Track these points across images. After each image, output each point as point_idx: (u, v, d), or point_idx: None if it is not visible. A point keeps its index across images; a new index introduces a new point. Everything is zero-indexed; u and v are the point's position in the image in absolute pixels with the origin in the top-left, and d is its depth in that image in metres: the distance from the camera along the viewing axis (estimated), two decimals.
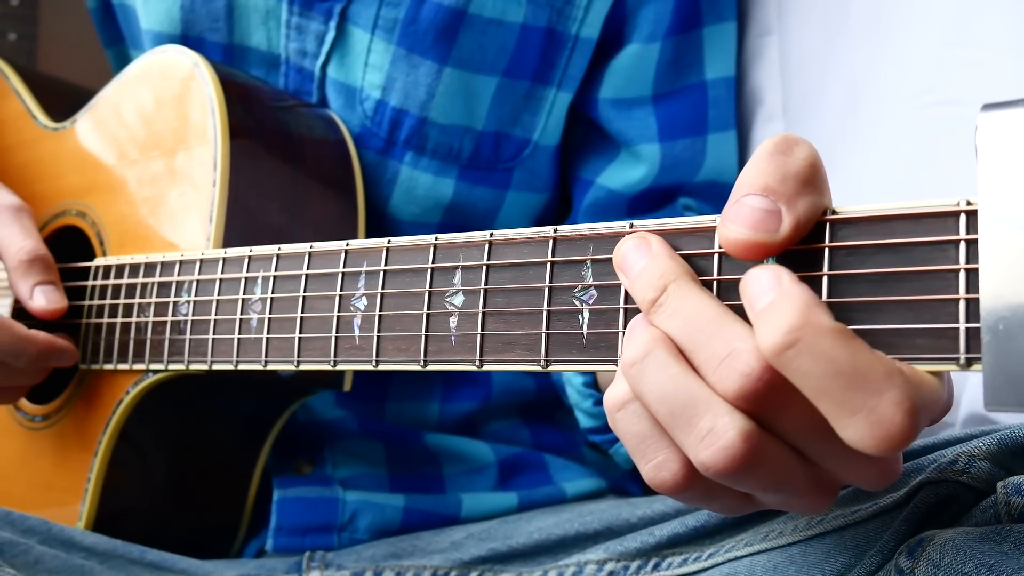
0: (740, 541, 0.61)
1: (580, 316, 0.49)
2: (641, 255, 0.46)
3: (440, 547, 0.78)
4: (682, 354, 0.43)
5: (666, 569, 0.65)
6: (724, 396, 0.41)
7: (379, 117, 0.85)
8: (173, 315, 0.70)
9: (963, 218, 0.40)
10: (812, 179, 0.42)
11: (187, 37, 0.88)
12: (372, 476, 0.86)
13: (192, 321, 0.68)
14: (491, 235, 0.53)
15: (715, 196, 0.95)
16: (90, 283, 0.78)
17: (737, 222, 0.42)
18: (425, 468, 0.88)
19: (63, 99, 0.93)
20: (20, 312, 0.77)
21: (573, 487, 0.90)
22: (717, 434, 0.41)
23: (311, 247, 0.61)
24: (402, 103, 0.85)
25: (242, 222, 0.73)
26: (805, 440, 0.42)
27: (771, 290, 0.40)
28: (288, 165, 0.79)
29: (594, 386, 0.80)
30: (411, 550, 0.79)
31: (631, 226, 0.49)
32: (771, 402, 0.41)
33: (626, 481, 0.95)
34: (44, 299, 0.75)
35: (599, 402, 0.83)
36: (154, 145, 0.79)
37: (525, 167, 0.90)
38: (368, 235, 0.86)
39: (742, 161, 0.97)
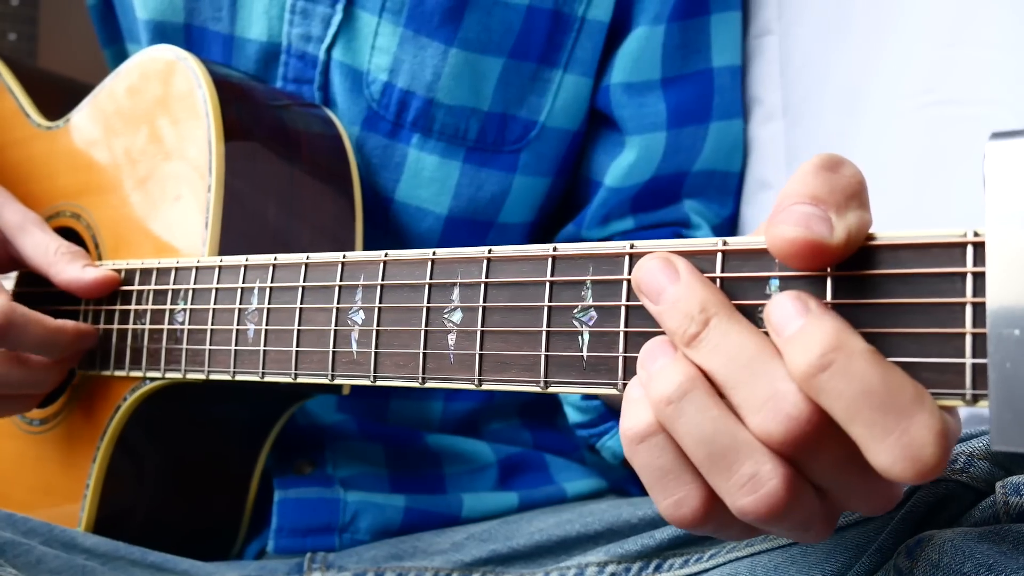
0: (741, 541, 0.61)
1: (580, 338, 0.49)
2: (669, 279, 0.44)
3: (441, 548, 0.78)
4: (717, 391, 0.42)
5: (667, 570, 0.65)
6: (767, 438, 0.40)
7: (386, 100, 0.85)
8: (169, 323, 0.69)
9: (970, 249, 0.39)
10: (859, 194, 0.41)
11: (190, 26, 0.87)
12: (373, 476, 0.86)
13: (188, 330, 0.68)
14: (489, 251, 0.52)
15: (716, 188, 0.94)
16: None
17: (789, 222, 0.40)
18: (426, 468, 0.88)
19: (57, 96, 0.92)
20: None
21: (574, 487, 0.90)
22: (760, 481, 0.41)
23: (307, 258, 0.60)
24: (409, 85, 0.84)
25: (239, 226, 0.72)
26: (831, 478, 0.42)
27: (800, 315, 0.40)
28: (284, 166, 0.78)
29: None
30: (412, 551, 0.79)
31: (632, 247, 0.48)
32: (811, 445, 0.40)
33: (626, 481, 0.95)
34: (97, 272, 0.74)
35: (587, 396, 0.83)
36: (148, 147, 0.78)
37: (532, 150, 0.89)
38: (376, 222, 0.86)
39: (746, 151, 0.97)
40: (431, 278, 0.54)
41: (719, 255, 0.45)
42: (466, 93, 0.85)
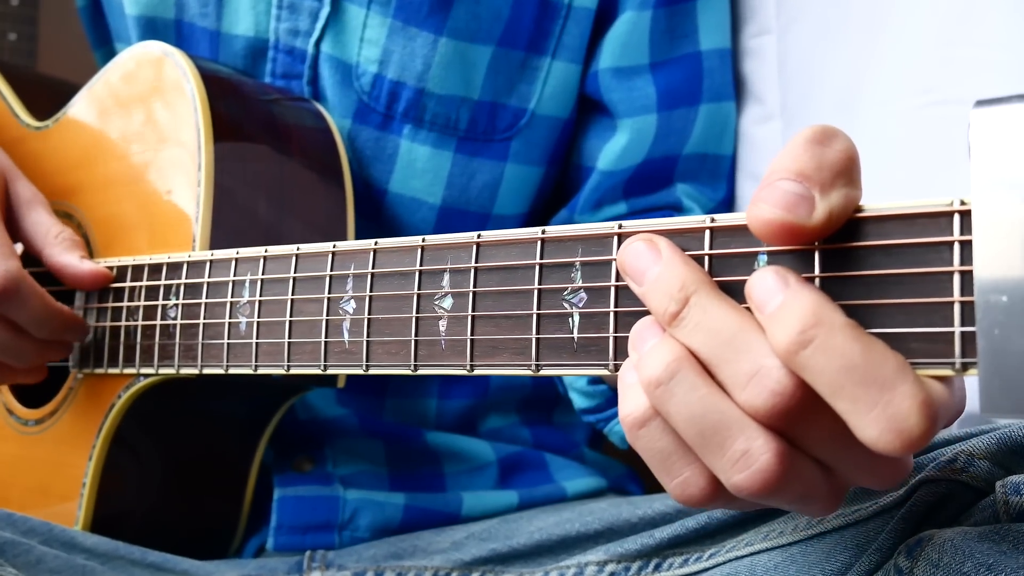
0: (741, 541, 0.61)
1: (570, 319, 0.49)
2: (652, 260, 0.44)
3: (441, 547, 0.78)
4: (705, 369, 0.42)
5: (667, 569, 0.64)
6: (755, 414, 0.40)
7: (376, 91, 0.85)
8: (162, 319, 0.69)
9: (957, 218, 0.38)
10: (848, 171, 0.41)
11: (180, 22, 0.88)
12: (373, 474, 0.86)
13: (181, 325, 0.68)
14: (479, 236, 0.52)
15: (709, 172, 0.94)
16: None
17: (769, 202, 0.40)
18: (425, 467, 0.88)
19: (45, 97, 0.92)
20: None
21: (573, 486, 0.90)
22: (752, 457, 0.40)
23: (298, 249, 0.60)
24: (399, 75, 0.84)
25: (229, 221, 0.72)
26: (828, 450, 0.42)
27: (779, 291, 0.39)
28: (274, 160, 0.78)
29: None
30: (412, 550, 0.79)
31: (620, 227, 0.48)
32: (800, 417, 0.40)
33: (626, 480, 0.95)
34: (93, 264, 0.75)
35: (593, 381, 0.83)
36: (138, 144, 0.78)
37: (523, 138, 0.89)
38: (370, 214, 0.86)
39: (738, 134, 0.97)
40: (421, 265, 0.54)
41: (707, 232, 0.45)
42: (456, 82, 0.85)
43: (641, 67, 0.90)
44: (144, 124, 0.78)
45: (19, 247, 0.83)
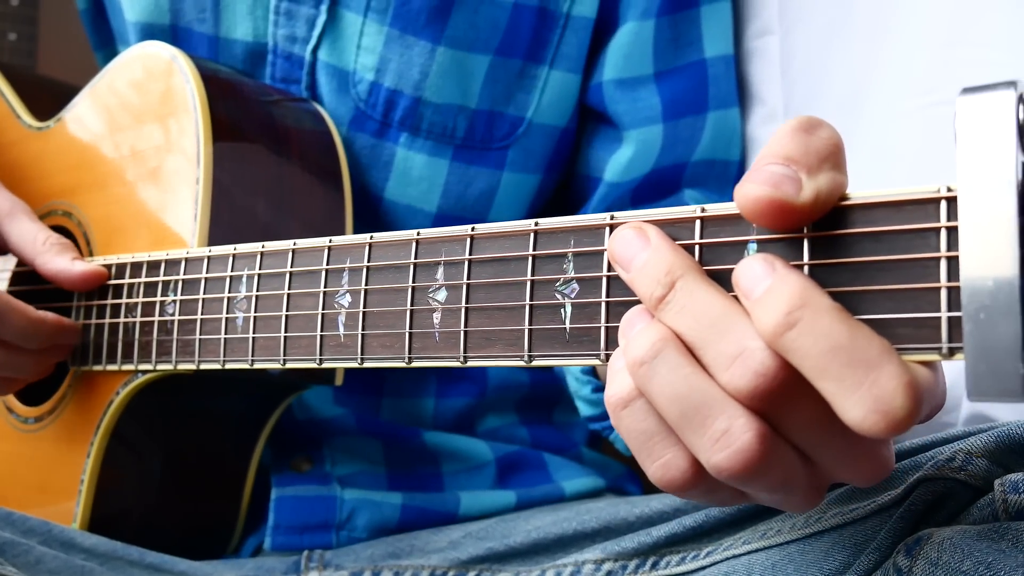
0: (738, 539, 0.61)
1: (562, 310, 0.49)
2: (640, 247, 0.45)
3: (438, 546, 0.78)
4: (690, 351, 0.43)
5: (664, 568, 0.64)
6: (737, 395, 0.41)
7: (373, 99, 0.85)
8: (160, 315, 0.69)
9: (944, 204, 0.39)
10: (834, 156, 0.42)
11: (176, 27, 0.88)
12: (370, 474, 0.86)
13: (179, 321, 0.68)
14: (472, 229, 0.52)
15: (717, 177, 0.95)
16: None
17: (757, 181, 0.41)
18: (423, 466, 0.88)
19: (46, 98, 0.92)
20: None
21: (571, 486, 0.90)
22: (733, 436, 0.41)
23: (294, 244, 0.61)
24: (396, 84, 0.85)
25: (227, 219, 0.73)
26: (809, 437, 0.42)
27: (766, 276, 0.40)
28: (273, 160, 0.78)
29: (593, 373, 0.80)
30: (409, 549, 0.79)
31: (612, 218, 0.48)
32: (782, 400, 0.40)
33: (624, 480, 0.95)
34: (86, 265, 0.75)
35: (598, 389, 0.83)
36: (137, 143, 0.78)
37: (520, 146, 0.90)
38: (366, 221, 0.86)
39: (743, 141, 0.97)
40: (415, 258, 0.54)
41: (698, 222, 0.45)
42: (453, 91, 0.86)
43: (645, 77, 0.90)
44: (144, 124, 0.78)
45: (12, 259, 0.84)
